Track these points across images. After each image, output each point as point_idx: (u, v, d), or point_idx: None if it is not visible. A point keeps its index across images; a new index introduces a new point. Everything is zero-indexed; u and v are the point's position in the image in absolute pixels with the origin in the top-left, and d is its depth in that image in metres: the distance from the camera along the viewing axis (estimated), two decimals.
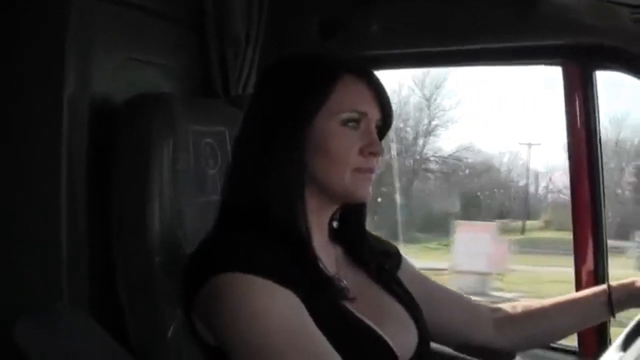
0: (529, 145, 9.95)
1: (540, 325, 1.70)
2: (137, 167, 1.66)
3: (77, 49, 1.66)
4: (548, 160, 11.00)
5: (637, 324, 1.55)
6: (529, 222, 10.41)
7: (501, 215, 10.29)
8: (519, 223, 10.46)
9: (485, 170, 10.80)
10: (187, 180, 1.69)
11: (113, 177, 1.70)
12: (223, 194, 1.46)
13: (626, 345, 1.51)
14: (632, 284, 1.64)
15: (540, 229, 10.30)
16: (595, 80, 2.21)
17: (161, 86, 1.95)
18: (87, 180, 1.68)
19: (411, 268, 1.70)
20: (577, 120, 2.21)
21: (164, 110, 1.68)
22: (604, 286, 1.67)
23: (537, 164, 10.68)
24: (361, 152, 1.40)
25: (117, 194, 1.69)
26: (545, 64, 2.28)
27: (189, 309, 1.36)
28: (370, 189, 1.43)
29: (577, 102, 2.21)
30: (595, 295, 1.68)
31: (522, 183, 10.80)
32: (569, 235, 2.28)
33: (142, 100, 1.72)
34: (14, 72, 1.66)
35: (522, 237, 10.14)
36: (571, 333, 1.83)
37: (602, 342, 2.21)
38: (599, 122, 2.23)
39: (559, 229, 8.92)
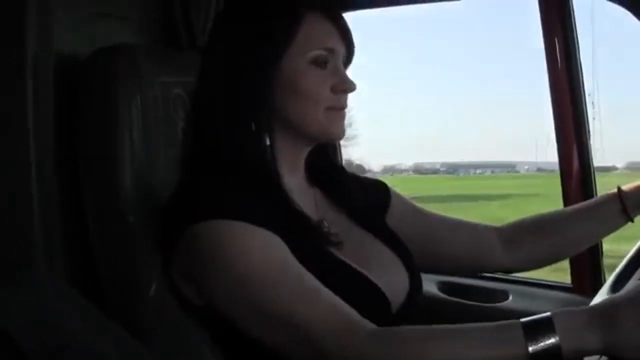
0: None
1: (552, 239, 1.62)
2: (105, 122, 1.58)
3: (37, 5, 1.57)
4: None
5: (628, 263, 1.52)
6: None
7: None
8: None
9: None
10: (157, 134, 1.61)
11: (80, 135, 1.62)
12: (192, 144, 1.40)
13: (617, 285, 1.48)
14: None
15: None
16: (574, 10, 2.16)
17: (125, 39, 1.86)
18: (55, 141, 1.60)
19: (403, 202, 1.64)
20: (557, 54, 2.17)
21: (130, 62, 1.61)
22: (619, 188, 1.59)
23: None
24: (333, 90, 1.37)
25: (85, 153, 1.62)
26: None
27: (169, 267, 1.31)
28: (344, 126, 1.40)
29: (555, 36, 2.16)
30: (608, 200, 1.60)
31: None
32: None
33: (105, 53, 1.64)
34: None
35: None
36: (588, 244, 1.72)
37: (597, 278, 2.20)
38: (579, 52, 2.19)
39: None
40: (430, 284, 2.29)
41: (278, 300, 1.20)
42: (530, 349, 1.07)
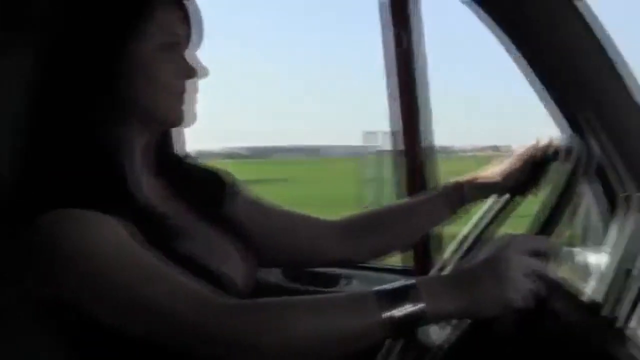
0: None
1: (387, 232, 1.68)
2: None
3: None
4: None
5: (458, 243, 1.69)
6: None
7: None
8: None
9: None
10: None
11: None
12: (32, 135, 1.34)
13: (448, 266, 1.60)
14: (478, 178, 1.67)
15: None
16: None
17: None
18: None
19: (244, 195, 1.64)
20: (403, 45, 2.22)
21: None
22: (448, 184, 1.69)
23: None
24: (179, 75, 1.37)
25: None
26: None
27: (7, 262, 1.26)
28: (187, 111, 1.40)
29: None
30: (439, 195, 1.68)
31: None
32: None
33: None
34: None
35: None
36: (422, 235, 1.81)
37: (434, 261, 2.26)
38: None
39: None
40: (275, 272, 2.30)
41: (131, 285, 1.18)
42: (387, 314, 1.11)
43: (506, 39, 1.86)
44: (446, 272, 1.65)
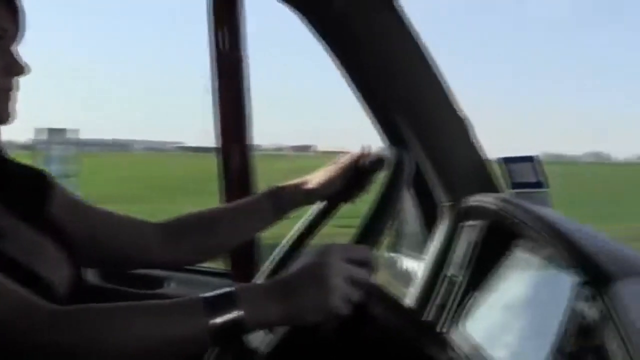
0: None
1: (211, 234, 1.67)
2: None
3: None
4: None
5: (282, 248, 1.70)
6: None
7: None
8: None
9: None
10: None
11: None
12: None
13: (273, 271, 1.66)
14: (302, 184, 1.68)
15: None
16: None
17: None
18: None
19: (66, 196, 1.59)
20: (224, 42, 2.22)
21: None
22: (272, 188, 1.68)
23: None
24: (6, 72, 1.31)
25: None
26: None
27: None
28: (12, 108, 1.35)
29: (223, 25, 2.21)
30: (265, 198, 1.68)
31: None
32: None
33: None
34: None
35: None
36: (247, 238, 1.77)
37: (253, 265, 2.29)
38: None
39: None
40: (92, 273, 2.25)
41: None
42: (210, 322, 1.11)
43: (319, 37, 1.90)
44: (267, 278, 1.66)
